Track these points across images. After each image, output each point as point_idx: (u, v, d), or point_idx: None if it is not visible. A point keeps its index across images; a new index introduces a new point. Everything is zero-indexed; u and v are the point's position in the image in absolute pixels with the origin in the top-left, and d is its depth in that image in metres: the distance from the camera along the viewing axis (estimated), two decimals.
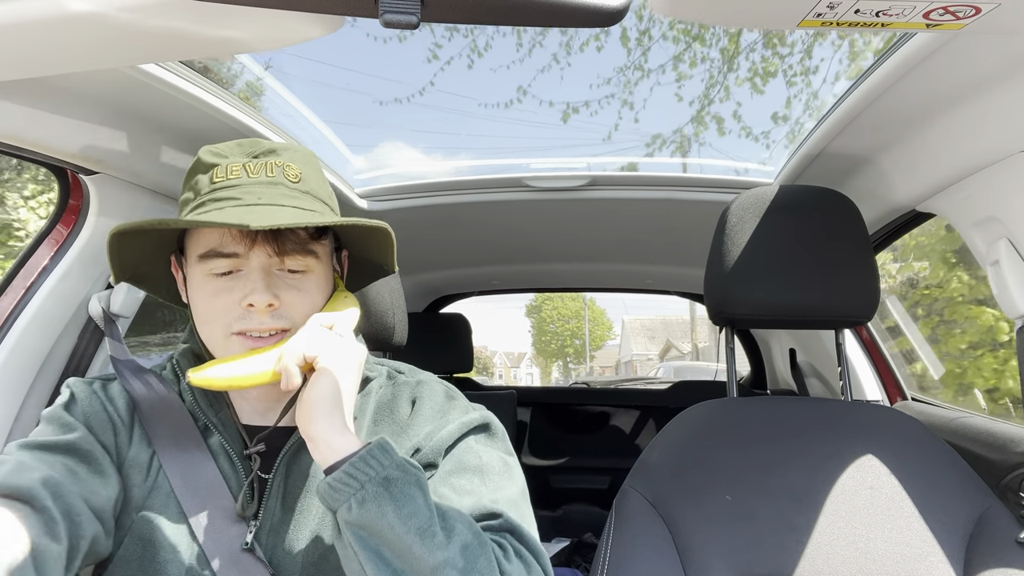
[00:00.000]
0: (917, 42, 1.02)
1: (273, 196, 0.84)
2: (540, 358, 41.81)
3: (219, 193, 0.84)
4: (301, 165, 0.89)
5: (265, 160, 0.86)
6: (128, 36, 0.66)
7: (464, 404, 0.98)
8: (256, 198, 0.83)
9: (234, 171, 0.85)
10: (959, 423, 1.55)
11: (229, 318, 0.84)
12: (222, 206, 0.83)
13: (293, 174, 0.87)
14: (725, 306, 1.26)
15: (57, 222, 1.30)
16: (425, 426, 0.92)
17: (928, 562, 1.04)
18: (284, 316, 0.85)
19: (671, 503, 1.12)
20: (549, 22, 0.51)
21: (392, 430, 0.94)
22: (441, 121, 44.85)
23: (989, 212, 1.22)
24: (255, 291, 0.82)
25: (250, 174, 0.85)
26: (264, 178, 0.85)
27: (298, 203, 0.86)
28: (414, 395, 0.97)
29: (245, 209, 0.81)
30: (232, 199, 0.83)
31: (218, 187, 0.85)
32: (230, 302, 0.83)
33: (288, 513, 0.87)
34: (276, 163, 0.86)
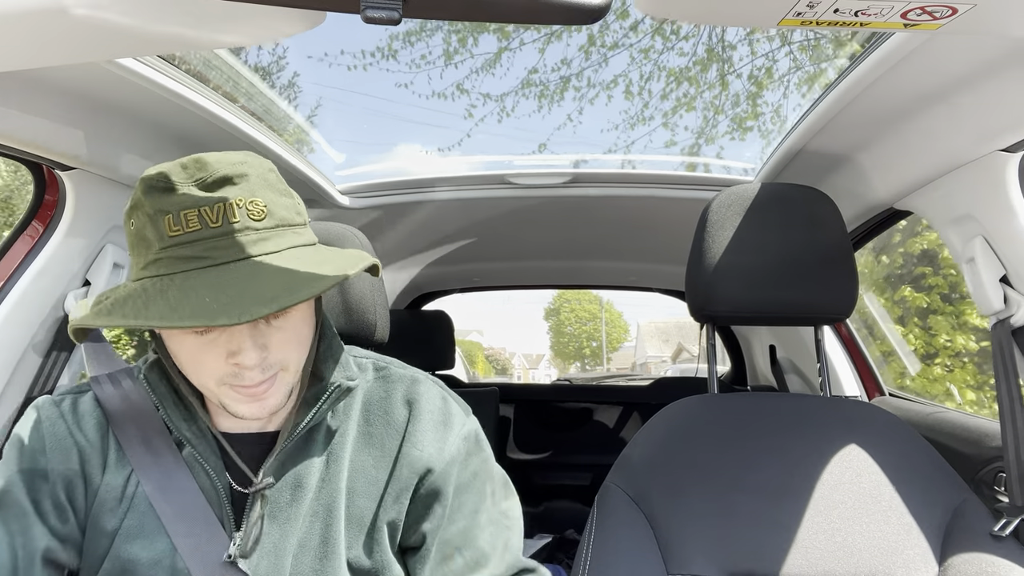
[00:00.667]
0: (894, 42, 1.04)
1: (244, 248, 0.73)
2: (558, 360, 42.08)
3: (179, 251, 0.72)
4: (262, 190, 0.77)
5: (223, 201, 0.73)
6: (106, 30, 0.65)
7: (459, 408, 0.97)
8: (222, 256, 0.72)
9: (191, 222, 0.72)
10: (935, 418, 1.57)
11: (219, 373, 0.77)
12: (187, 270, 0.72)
13: (258, 210, 0.75)
14: (706, 303, 1.27)
15: (32, 218, 1.28)
16: (428, 437, 0.90)
17: (905, 555, 1.05)
18: (274, 362, 0.79)
19: (652, 499, 1.13)
20: (530, 19, 0.51)
21: (387, 433, 0.91)
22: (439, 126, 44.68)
23: (965, 210, 1.23)
24: (242, 351, 0.75)
25: (210, 223, 0.72)
26: (227, 227, 0.73)
27: (273, 246, 0.76)
28: (409, 396, 0.93)
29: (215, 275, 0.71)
30: (196, 259, 0.72)
31: (176, 242, 0.72)
32: (216, 358, 0.76)
33: (273, 524, 0.84)
34: (237, 202, 0.74)
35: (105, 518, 0.83)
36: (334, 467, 0.88)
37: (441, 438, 0.91)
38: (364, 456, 0.90)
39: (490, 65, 6.78)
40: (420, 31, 6.61)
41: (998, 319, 1.20)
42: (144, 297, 0.71)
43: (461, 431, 0.93)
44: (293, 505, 0.85)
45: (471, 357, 30.15)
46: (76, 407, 0.89)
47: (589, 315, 39.20)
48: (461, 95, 7.07)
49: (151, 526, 0.83)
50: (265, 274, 0.72)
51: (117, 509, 0.84)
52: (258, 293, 0.69)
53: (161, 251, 0.73)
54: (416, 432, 0.90)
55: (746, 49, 6.07)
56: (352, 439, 0.90)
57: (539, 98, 6.39)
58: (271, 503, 0.85)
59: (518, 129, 7.55)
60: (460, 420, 0.95)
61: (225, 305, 0.67)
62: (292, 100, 14.81)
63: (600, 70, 7.62)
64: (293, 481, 0.86)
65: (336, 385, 0.87)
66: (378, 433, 0.91)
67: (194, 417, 0.87)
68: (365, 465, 0.89)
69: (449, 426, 0.92)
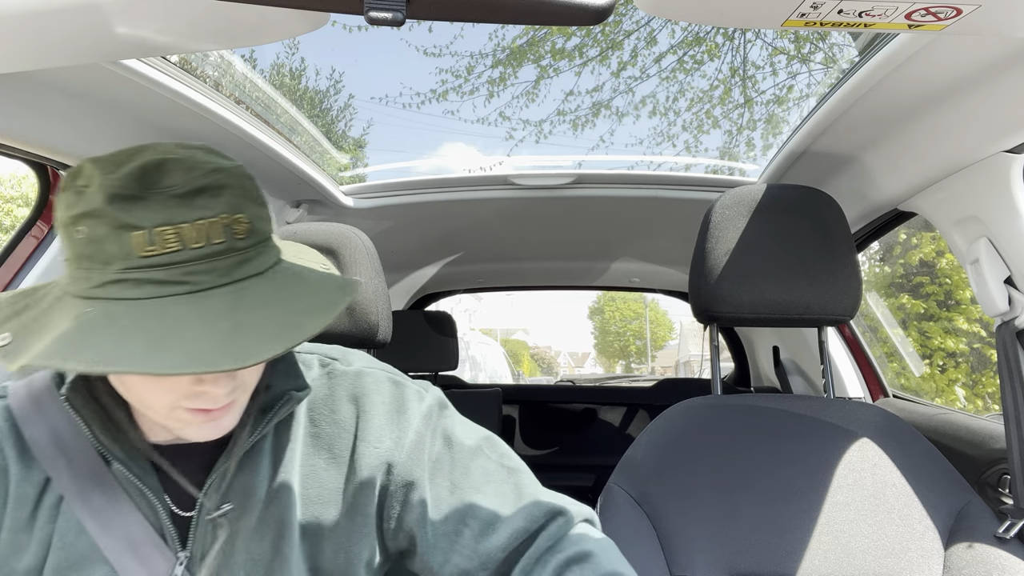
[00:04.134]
0: (899, 43, 1.03)
1: (225, 272, 0.65)
2: (603, 358, 42.12)
3: (152, 273, 0.62)
4: (244, 203, 0.68)
5: (204, 216, 0.64)
6: (110, 32, 0.65)
7: (414, 389, 0.90)
8: (204, 282, 0.64)
9: (168, 241, 0.62)
10: (939, 419, 1.56)
11: (176, 396, 0.68)
12: (162, 296, 0.63)
13: (242, 229, 0.66)
14: (709, 304, 1.27)
15: (37, 219, 1.29)
16: (384, 432, 0.84)
17: (909, 557, 1.05)
18: (238, 386, 0.72)
19: (656, 500, 1.13)
20: (534, 20, 0.51)
21: (335, 432, 0.85)
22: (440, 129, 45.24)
23: (969, 211, 1.23)
24: (216, 382, 0.68)
25: (190, 244, 0.63)
26: (210, 249, 0.64)
27: (254, 268, 0.68)
28: (355, 392, 0.87)
29: (196, 304, 0.63)
30: (174, 284, 0.63)
31: (149, 264, 0.62)
32: (175, 384, 0.67)
33: (220, 539, 0.78)
34: (221, 221, 0.65)
35: (19, 559, 0.74)
36: (283, 475, 0.81)
37: (397, 427, 0.85)
38: (314, 460, 0.84)
39: (529, 93, 7.05)
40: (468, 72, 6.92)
41: (1003, 320, 1.19)
42: (117, 327, 0.61)
43: (419, 410, 0.87)
44: (242, 519, 0.79)
45: (516, 356, 30.11)
46: None
47: (634, 314, 39.27)
48: (503, 121, 7.38)
49: (84, 555, 0.74)
50: (253, 302, 0.65)
51: (32, 545, 0.75)
52: (255, 328, 0.62)
53: (127, 271, 0.62)
54: (369, 429, 0.84)
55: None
56: (300, 444, 0.84)
57: (573, 125, 6.63)
58: (217, 518, 0.78)
59: (555, 145, 7.73)
60: (415, 401, 0.88)
61: (221, 345, 0.60)
62: (348, 120, 14.64)
63: (629, 96, 7.86)
64: (240, 493, 0.79)
65: (287, 398, 0.80)
66: (325, 434, 0.85)
67: (125, 435, 0.77)
68: (316, 470, 0.83)
69: (403, 411, 0.87)
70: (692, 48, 6.63)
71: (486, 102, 7.53)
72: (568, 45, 6.84)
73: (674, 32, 6.63)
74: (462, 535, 0.82)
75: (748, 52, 6.55)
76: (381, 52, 25.55)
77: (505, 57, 7.09)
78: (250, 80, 1.68)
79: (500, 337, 32.64)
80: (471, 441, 0.88)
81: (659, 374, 20.30)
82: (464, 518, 0.82)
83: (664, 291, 3.34)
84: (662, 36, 6.63)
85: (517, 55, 7.05)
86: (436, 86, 7.55)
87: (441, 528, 0.82)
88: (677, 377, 7.18)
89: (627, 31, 6.64)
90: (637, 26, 6.56)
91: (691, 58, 6.70)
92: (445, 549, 0.82)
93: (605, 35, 6.70)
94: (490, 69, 7.21)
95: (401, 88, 9.64)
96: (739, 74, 6.63)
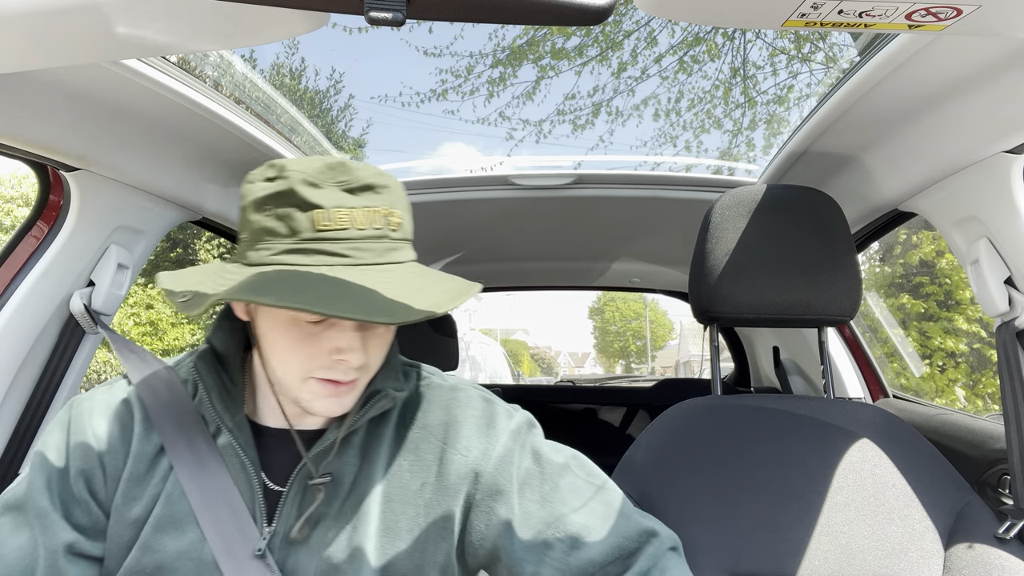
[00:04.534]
0: (899, 43, 1.03)
1: (380, 253, 0.78)
2: (603, 358, 42.16)
3: (325, 245, 0.76)
4: (399, 205, 0.82)
5: (368, 206, 0.78)
6: (110, 32, 0.65)
7: (504, 407, 0.95)
8: (365, 258, 0.77)
9: (341, 219, 0.76)
10: (939, 420, 1.56)
11: (313, 364, 0.79)
12: (332, 264, 0.76)
13: (395, 222, 0.80)
14: (709, 305, 1.27)
15: (37, 219, 1.29)
16: (473, 441, 0.89)
17: (909, 557, 1.05)
18: (365, 364, 0.81)
19: (656, 500, 1.13)
20: (534, 20, 0.51)
21: (423, 438, 0.90)
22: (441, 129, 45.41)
23: (969, 212, 1.23)
24: (352, 350, 0.78)
25: (357, 225, 0.77)
26: (372, 231, 0.78)
27: (400, 257, 0.81)
28: (447, 403, 0.93)
29: (359, 274, 0.75)
30: (341, 256, 0.76)
31: (323, 236, 0.76)
32: (317, 351, 0.79)
33: (304, 522, 0.84)
34: (381, 210, 0.79)
35: (131, 508, 0.84)
36: (369, 471, 0.87)
37: (486, 439, 0.90)
38: (400, 461, 0.89)
39: (529, 94, 7.07)
40: (468, 72, 6.96)
41: (1003, 321, 1.19)
42: (295, 282, 0.73)
43: (508, 426, 0.91)
44: (325, 505, 0.85)
45: (516, 356, 30.07)
46: (103, 402, 0.90)
47: (634, 313, 39.40)
48: (503, 121, 7.37)
49: (182, 516, 0.83)
50: (397, 281, 0.76)
51: (143, 499, 0.84)
52: (407, 296, 0.73)
53: (306, 241, 0.76)
54: (458, 438, 0.89)
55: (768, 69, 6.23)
56: (388, 444, 0.90)
57: (573, 125, 6.65)
58: (304, 501, 0.85)
59: (555, 145, 7.81)
60: (505, 417, 0.93)
61: (381, 306, 0.71)
62: (348, 120, 14.66)
63: (629, 97, 7.88)
64: (329, 482, 0.86)
65: (385, 393, 0.88)
66: (413, 438, 0.90)
67: (239, 408, 0.88)
68: (400, 471, 0.88)
69: (493, 425, 0.91)
70: (692, 48, 6.63)
71: (486, 102, 7.56)
72: (568, 45, 6.84)
73: (674, 32, 6.64)
74: (553, 548, 0.84)
75: (748, 52, 6.56)
76: (381, 52, 25.59)
77: (505, 57, 7.10)
78: (250, 80, 1.68)
79: (500, 337, 32.66)
80: (559, 458, 0.92)
81: (659, 374, 20.49)
82: (555, 532, 0.85)
83: (664, 291, 3.34)
84: (662, 36, 6.64)
85: (517, 55, 7.05)
86: (436, 86, 7.57)
87: (530, 541, 0.85)
88: (677, 377, 7.19)
89: (627, 31, 6.65)
90: (637, 26, 6.57)
91: (691, 58, 6.71)
92: (535, 562, 0.84)
93: (605, 35, 6.71)
94: (490, 69, 7.22)
95: (401, 88, 9.73)
96: (740, 74, 6.64)
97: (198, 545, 0.82)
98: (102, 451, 0.86)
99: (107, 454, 0.86)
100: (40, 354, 1.28)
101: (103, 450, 0.86)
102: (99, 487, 0.85)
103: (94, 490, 0.85)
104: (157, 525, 0.83)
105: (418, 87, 14.01)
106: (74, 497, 0.84)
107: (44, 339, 1.28)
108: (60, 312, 1.30)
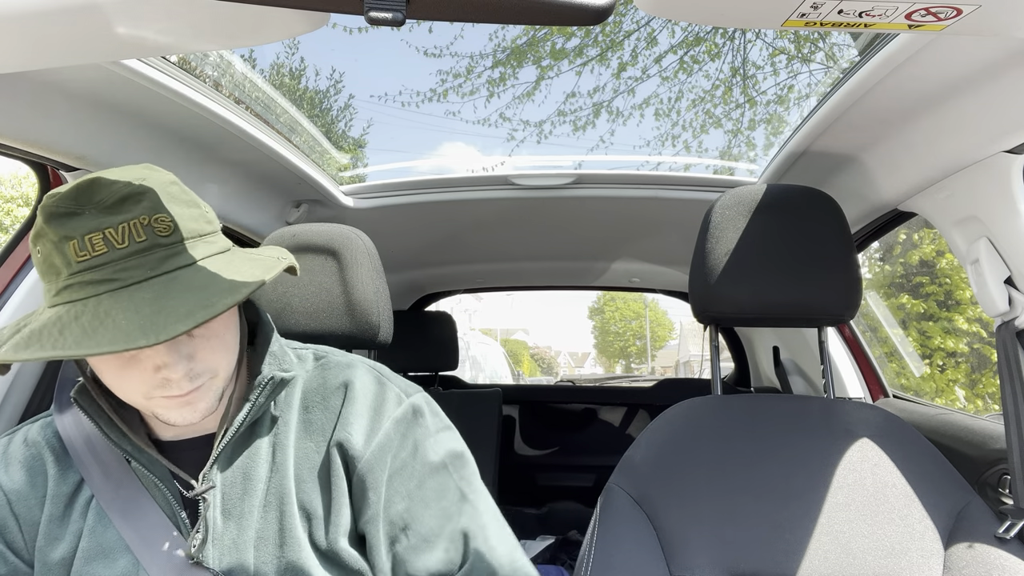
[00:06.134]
0: (899, 43, 1.03)
1: (153, 266, 0.73)
2: (603, 358, 42.17)
3: (87, 275, 0.72)
4: (166, 204, 0.76)
5: (126, 219, 0.73)
6: (110, 32, 0.65)
7: (396, 390, 0.94)
8: (134, 276, 0.72)
9: (96, 245, 0.72)
10: (939, 419, 1.56)
11: (146, 387, 0.77)
12: (98, 294, 0.72)
13: (164, 226, 0.75)
14: (709, 304, 1.27)
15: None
16: (359, 423, 0.89)
17: (909, 557, 1.05)
18: (202, 370, 0.79)
19: (656, 500, 1.13)
20: (534, 20, 0.51)
21: (325, 418, 0.90)
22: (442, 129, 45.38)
23: (969, 211, 1.23)
24: (167, 365, 0.76)
25: (116, 245, 0.72)
26: (136, 246, 0.73)
27: (182, 260, 0.76)
28: (345, 380, 0.93)
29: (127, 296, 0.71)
30: (106, 282, 0.72)
31: (84, 267, 0.72)
32: (141, 373, 0.76)
33: (229, 520, 0.85)
34: (141, 221, 0.73)
35: (55, 548, 0.84)
36: (280, 457, 0.88)
37: (370, 424, 0.90)
38: (307, 443, 0.90)
39: (529, 94, 7.09)
40: (468, 73, 6.98)
41: (1003, 320, 1.19)
42: (59, 325, 0.70)
43: (394, 413, 0.91)
44: (245, 498, 0.86)
45: (516, 356, 30.07)
46: (6, 453, 0.90)
47: (634, 313, 39.38)
48: (504, 122, 7.43)
49: (110, 544, 0.84)
50: (179, 289, 0.72)
51: (66, 537, 0.85)
52: (174, 310, 0.70)
53: (70, 277, 0.72)
54: (349, 416, 0.89)
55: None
56: (295, 428, 0.90)
57: (573, 126, 6.65)
58: (224, 499, 0.86)
59: (555, 145, 7.78)
60: (394, 403, 0.92)
61: (141, 326, 0.68)
62: (348, 120, 14.63)
63: (630, 97, 7.89)
64: (242, 475, 0.87)
65: (270, 378, 0.87)
66: (317, 419, 0.91)
67: (137, 427, 0.87)
68: (308, 452, 0.89)
69: (380, 411, 0.91)
70: (692, 48, 6.63)
71: (486, 102, 7.55)
72: (568, 45, 6.84)
73: (674, 32, 6.64)
74: (399, 544, 0.86)
75: (748, 52, 6.55)
76: (381, 52, 25.58)
77: (505, 57, 7.09)
78: (250, 80, 1.68)
79: (500, 337, 32.65)
80: (437, 456, 0.92)
81: (659, 374, 20.54)
82: (404, 527, 0.87)
83: (664, 291, 3.34)
84: (662, 36, 6.64)
85: (517, 55, 7.05)
86: (436, 86, 7.56)
87: (385, 532, 0.87)
88: (677, 377, 7.18)
89: (627, 31, 6.65)
90: (637, 26, 6.57)
91: (691, 58, 6.71)
92: (384, 554, 0.86)
93: (605, 35, 6.71)
94: (490, 69, 7.22)
95: (401, 88, 9.77)
96: (740, 74, 6.63)
97: (133, 569, 0.83)
98: (13, 501, 0.86)
99: (18, 503, 0.86)
100: None
101: (14, 500, 0.86)
102: (14, 536, 0.86)
103: (9, 540, 0.86)
104: (87, 558, 0.83)
105: (418, 87, 14.09)
106: None
107: None
108: None
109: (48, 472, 0.87)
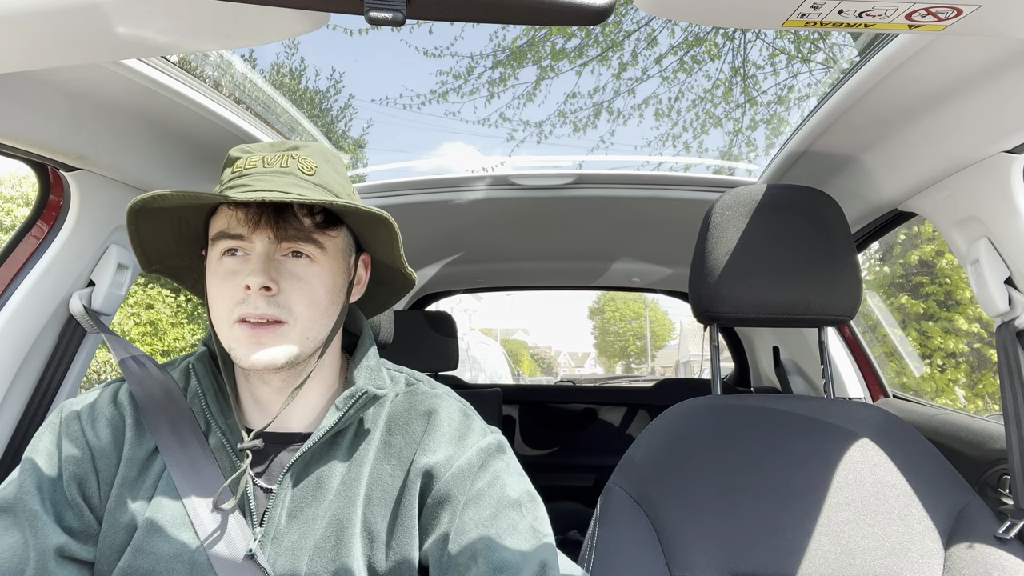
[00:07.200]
0: (899, 43, 1.03)
1: (282, 184, 0.85)
2: (603, 358, 42.20)
3: (235, 181, 0.86)
4: (319, 160, 0.90)
5: (283, 153, 0.88)
6: (109, 32, 0.65)
7: (481, 425, 0.96)
8: (265, 185, 0.84)
9: (252, 162, 0.87)
10: (940, 419, 1.56)
11: (232, 302, 0.84)
12: (231, 188, 0.85)
13: (307, 166, 0.88)
14: (709, 304, 1.27)
15: (37, 219, 1.29)
16: (441, 447, 0.90)
17: (909, 557, 1.05)
18: (281, 305, 0.84)
19: (656, 500, 1.13)
20: (534, 20, 0.51)
21: (405, 443, 0.92)
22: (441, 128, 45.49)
23: (969, 212, 1.23)
24: (252, 272, 0.82)
25: (265, 164, 0.87)
26: (278, 168, 0.87)
27: (307, 192, 0.85)
28: (430, 408, 0.95)
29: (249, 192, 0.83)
30: (242, 185, 0.85)
31: (235, 176, 0.87)
32: (234, 285, 0.84)
33: (293, 522, 0.86)
34: (293, 156, 0.88)
35: (124, 512, 0.86)
36: (355, 473, 0.89)
37: (454, 448, 0.91)
38: (383, 465, 0.90)
39: (529, 94, 7.09)
40: (468, 73, 6.98)
41: (1003, 320, 1.19)
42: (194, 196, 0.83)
43: (479, 443, 0.92)
44: (313, 506, 0.87)
45: (516, 356, 30.05)
46: (93, 407, 0.92)
47: (634, 314, 39.44)
48: (504, 122, 7.42)
49: (175, 518, 0.85)
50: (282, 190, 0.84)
51: (137, 502, 0.86)
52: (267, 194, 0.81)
53: (223, 185, 0.87)
54: (430, 442, 0.91)
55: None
56: (375, 448, 0.92)
57: (573, 126, 6.65)
58: (293, 502, 0.87)
59: (555, 145, 7.81)
60: (479, 433, 0.94)
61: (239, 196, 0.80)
62: (348, 120, 14.66)
63: (630, 97, 7.88)
64: (315, 483, 0.88)
65: (364, 392, 0.89)
66: (397, 443, 0.92)
67: (231, 410, 0.91)
68: (383, 475, 0.90)
69: (464, 439, 0.92)
70: (693, 48, 6.64)
71: (487, 103, 7.55)
72: (568, 45, 6.84)
73: (674, 32, 6.64)
74: (469, 571, 0.83)
75: (748, 52, 6.56)
76: (381, 53, 25.63)
77: (505, 58, 7.10)
78: (250, 80, 1.68)
79: (500, 337, 32.66)
80: (515, 493, 0.90)
81: (659, 374, 20.57)
82: (477, 556, 0.83)
83: (664, 291, 3.34)
84: (662, 36, 6.64)
85: (517, 55, 7.06)
86: (436, 87, 7.58)
87: (455, 557, 0.84)
88: (677, 377, 7.18)
89: (627, 31, 6.65)
90: (637, 26, 6.57)
91: (692, 58, 6.71)
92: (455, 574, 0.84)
93: (605, 35, 6.71)
94: (490, 70, 7.23)
95: (401, 89, 9.82)
96: (740, 74, 6.64)
97: (191, 547, 0.83)
98: (95, 457, 0.88)
99: (100, 459, 0.88)
100: (40, 354, 1.28)
101: (96, 456, 0.88)
102: (92, 492, 0.87)
103: (87, 495, 0.87)
104: (150, 528, 0.84)
105: (418, 88, 14.13)
106: (66, 501, 0.86)
107: (44, 339, 1.28)
108: (60, 312, 1.30)
109: (126, 434, 0.90)
